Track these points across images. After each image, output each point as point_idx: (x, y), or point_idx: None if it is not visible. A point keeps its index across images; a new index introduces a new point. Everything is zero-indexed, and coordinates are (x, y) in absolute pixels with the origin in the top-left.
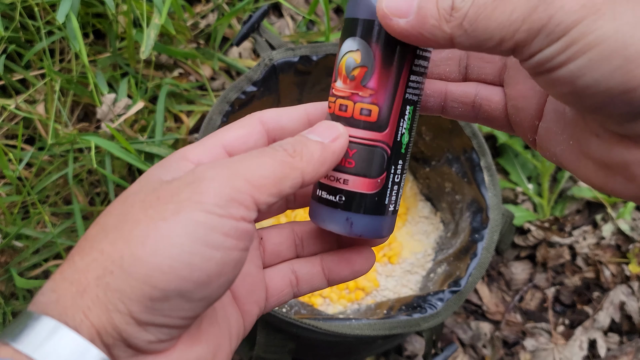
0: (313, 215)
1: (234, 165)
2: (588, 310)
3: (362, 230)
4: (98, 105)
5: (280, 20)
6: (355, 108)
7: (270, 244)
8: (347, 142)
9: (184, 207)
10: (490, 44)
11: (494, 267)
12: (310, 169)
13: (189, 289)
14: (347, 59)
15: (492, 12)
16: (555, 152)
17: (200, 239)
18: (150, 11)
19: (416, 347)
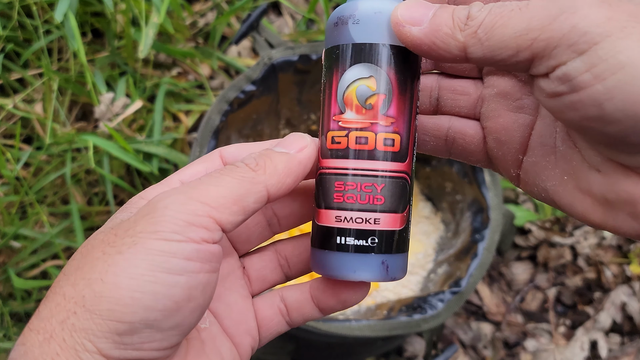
0: (331, 267)
1: (189, 190)
2: (589, 311)
3: (396, 271)
4: (96, 104)
5: (280, 19)
6: (378, 139)
7: (254, 271)
8: (314, 151)
9: (140, 239)
10: (505, 55)
11: (494, 267)
12: (274, 181)
13: (156, 318)
14: (358, 88)
15: (509, 20)
16: (545, 187)
17: (160, 266)
18: (149, 10)
19: (416, 348)
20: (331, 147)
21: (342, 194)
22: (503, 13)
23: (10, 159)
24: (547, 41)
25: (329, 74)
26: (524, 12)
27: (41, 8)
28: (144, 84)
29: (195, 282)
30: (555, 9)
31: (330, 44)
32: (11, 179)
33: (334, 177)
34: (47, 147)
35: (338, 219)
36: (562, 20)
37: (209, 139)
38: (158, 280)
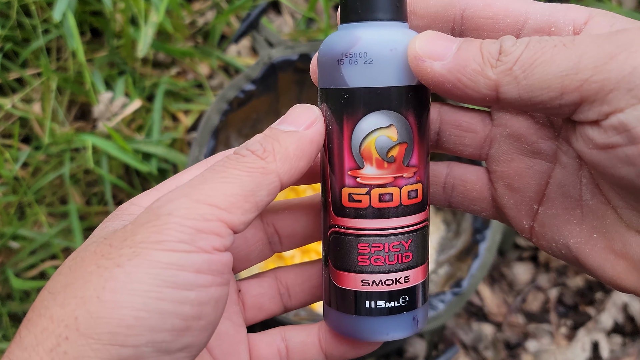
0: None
1: (192, 192)
2: (591, 312)
3: (423, 323)
4: (95, 104)
5: (279, 18)
6: (403, 194)
7: (250, 297)
8: (323, 125)
9: (142, 249)
10: (546, 97)
11: (495, 268)
12: (287, 168)
13: (164, 339)
14: (377, 139)
15: (553, 57)
16: (566, 244)
17: (168, 281)
18: (148, 9)
19: (417, 348)
20: (349, 205)
21: (368, 257)
22: (545, 49)
23: (9, 159)
24: (602, 83)
25: (336, 120)
26: (571, 49)
27: (40, 7)
28: (142, 84)
29: (207, 298)
30: (611, 46)
31: (333, 85)
32: (10, 179)
33: (355, 238)
34: (45, 147)
35: (365, 283)
36: (621, 60)
37: (208, 138)
38: (165, 297)
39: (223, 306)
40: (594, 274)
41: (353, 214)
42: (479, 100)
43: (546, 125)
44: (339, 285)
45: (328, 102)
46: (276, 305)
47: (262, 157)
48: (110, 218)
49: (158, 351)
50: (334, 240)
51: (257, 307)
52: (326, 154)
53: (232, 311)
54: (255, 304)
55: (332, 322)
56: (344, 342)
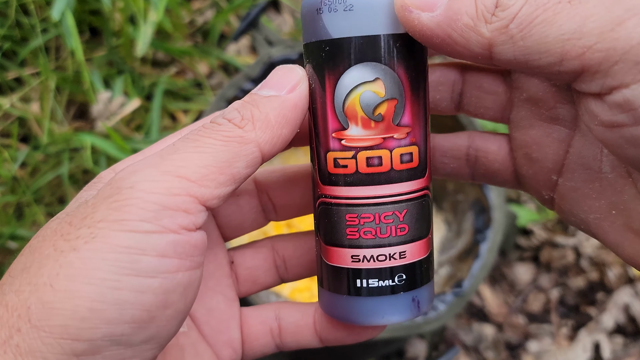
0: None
1: (160, 162)
2: (592, 312)
3: (426, 304)
4: (93, 103)
5: (279, 17)
6: (394, 157)
7: (244, 269)
8: (307, 87)
9: (100, 230)
10: (544, 61)
11: (496, 268)
12: (268, 137)
13: (124, 332)
14: (362, 95)
15: (555, 16)
16: (585, 219)
17: (127, 268)
18: (147, 8)
19: (418, 349)
20: (335, 171)
21: (357, 229)
22: (547, 5)
23: (7, 159)
24: (606, 52)
25: (318, 77)
26: (577, 8)
27: (38, 6)
28: (141, 83)
29: (173, 285)
30: (620, 9)
31: (313, 38)
32: (8, 179)
33: (343, 208)
34: (44, 146)
35: (355, 258)
36: (629, 27)
37: None
38: (124, 286)
39: (194, 292)
40: (613, 251)
41: (340, 182)
42: (471, 58)
43: (564, 88)
44: (329, 262)
45: (310, 58)
46: (272, 278)
47: (239, 126)
48: (87, 187)
49: (117, 345)
50: (322, 212)
51: (252, 280)
52: (310, 117)
53: (225, 284)
54: (249, 276)
55: (324, 304)
56: (339, 326)
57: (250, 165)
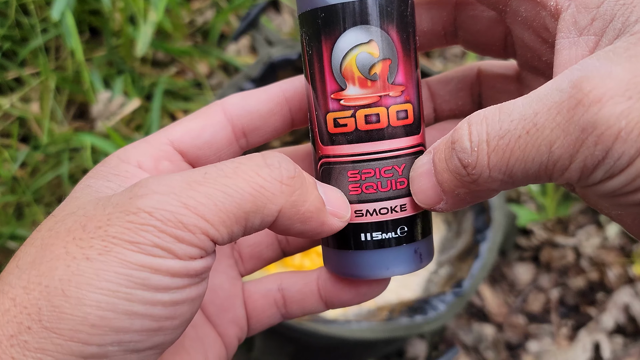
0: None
1: (185, 191)
2: (592, 312)
3: (427, 257)
4: (93, 103)
5: (279, 16)
6: (391, 113)
7: (247, 247)
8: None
9: (114, 246)
10: (541, 180)
11: (496, 268)
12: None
13: (133, 339)
14: (358, 56)
15: (523, 152)
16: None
17: (139, 283)
18: (147, 8)
19: (417, 349)
20: (335, 131)
21: (359, 185)
22: (510, 144)
23: (7, 159)
24: (582, 170)
25: (314, 43)
26: (537, 137)
27: (38, 6)
28: (141, 83)
29: (182, 298)
30: (575, 130)
31: (308, 6)
32: (8, 179)
33: (345, 165)
34: (44, 146)
35: (359, 213)
36: (591, 146)
37: None
38: (135, 299)
39: (200, 301)
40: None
41: (340, 140)
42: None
43: None
44: None
45: (306, 26)
46: (274, 252)
47: (282, 182)
48: (94, 174)
49: (125, 350)
50: (325, 172)
51: (256, 257)
52: (309, 82)
53: (226, 264)
54: (253, 253)
55: (330, 263)
56: (344, 287)
57: (263, 224)
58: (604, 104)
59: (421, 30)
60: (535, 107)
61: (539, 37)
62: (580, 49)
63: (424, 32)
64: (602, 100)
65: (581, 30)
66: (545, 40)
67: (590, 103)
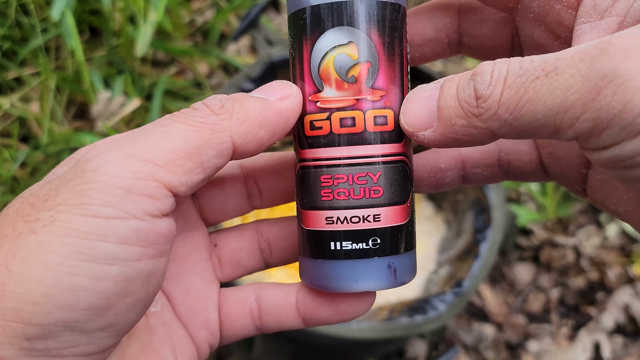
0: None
1: (127, 144)
2: (592, 312)
3: (405, 274)
4: (93, 103)
5: (279, 16)
6: (367, 118)
7: (228, 251)
8: (298, 104)
9: (60, 214)
10: (544, 133)
11: (496, 268)
12: (243, 130)
13: (79, 318)
14: (336, 58)
15: (536, 93)
16: (616, 210)
17: (85, 254)
18: (147, 8)
19: (417, 349)
20: (311, 133)
21: (331, 190)
22: (527, 84)
23: (7, 159)
24: (594, 122)
25: (297, 44)
26: (555, 81)
27: (38, 6)
28: (141, 83)
29: (134, 273)
30: (595, 76)
31: (293, 8)
32: (8, 179)
33: (318, 170)
34: (44, 146)
35: (329, 220)
36: (608, 95)
37: None
38: (81, 272)
39: (158, 280)
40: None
41: (315, 143)
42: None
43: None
44: (305, 226)
45: (291, 28)
46: (256, 261)
47: (216, 112)
48: (62, 164)
49: (71, 331)
50: (301, 176)
51: (235, 263)
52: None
53: (202, 266)
54: (233, 259)
55: (303, 273)
56: (323, 303)
57: (221, 155)
58: (630, 55)
59: (424, 39)
60: (558, 54)
61: (551, 33)
62: (603, 31)
63: (428, 40)
64: (629, 51)
65: (602, 13)
66: (558, 35)
67: (616, 52)
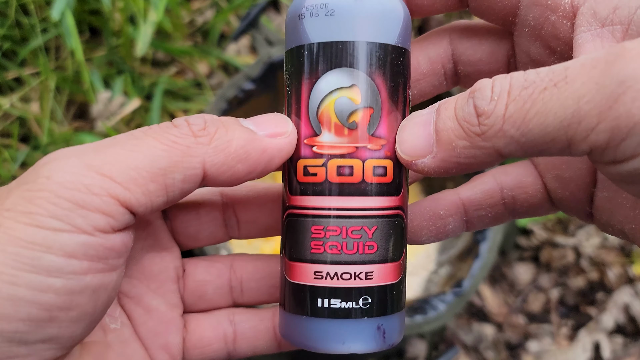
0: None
1: (88, 153)
2: (592, 312)
3: (393, 336)
4: (93, 103)
5: (279, 16)
6: (367, 168)
7: (193, 281)
8: (290, 144)
9: (5, 220)
10: (555, 148)
11: (496, 268)
12: (219, 160)
13: (17, 329)
14: (337, 101)
15: (546, 105)
16: (622, 229)
17: (27, 264)
18: (147, 8)
19: (417, 349)
20: (304, 180)
21: (322, 243)
22: (533, 95)
23: (7, 159)
24: (611, 132)
25: (294, 83)
26: (566, 90)
27: (38, 6)
28: (141, 83)
29: (79, 286)
30: (611, 83)
31: (294, 44)
32: (8, 179)
33: (309, 220)
34: (44, 146)
35: (318, 275)
36: (627, 103)
37: None
38: (22, 282)
39: (108, 295)
40: None
41: (308, 191)
42: (489, 165)
43: None
44: (291, 279)
45: (289, 64)
46: (222, 298)
47: (195, 134)
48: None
49: (9, 342)
50: (289, 224)
51: (198, 295)
52: None
53: (168, 289)
54: (197, 290)
55: (282, 327)
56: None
57: (188, 181)
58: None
59: (421, 73)
60: (567, 64)
61: (547, 47)
62: (606, 39)
63: (424, 74)
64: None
65: (603, 21)
66: (554, 50)
67: (634, 56)
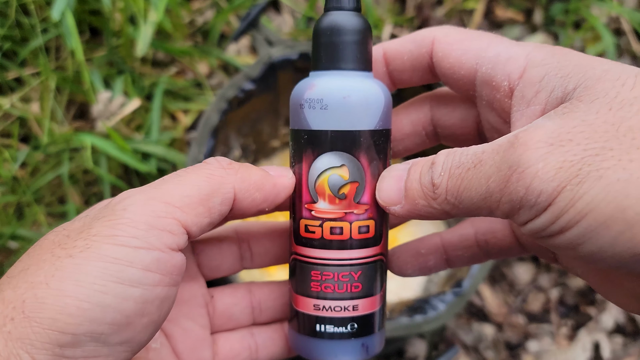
0: (312, 352)
1: (149, 190)
2: (592, 312)
3: (374, 349)
4: (94, 103)
5: (279, 17)
6: (353, 228)
7: (223, 304)
8: (290, 186)
9: (94, 242)
10: (483, 213)
11: (496, 268)
12: (244, 187)
13: (104, 331)
14: (330, 177)
15: (469, 182)
16: (577, 272)
17: (114, 276)
18: (147, 8)
19: (417, 349)
20: (305, 235)
21: (320, 284)
22: (462, 174)
23: (7, 159)
24: (510, 204)
25: (297, 156)
26: (480, 170)
27: (39, 6)
28: (141, 83)
29: (152, 296)
30: (504, 167)
31: (297, 126)
32: (8, 179)
33: (309, 266)
34: (44, 146)
35: (316, 307)
36: (514, 182)
37: (207, 138)
38: (109, 291)
39: (169, 307)
40: (605, 297)
41: (308, 244)
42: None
43: None
44: (297, 308)
45: (293, 140)
46: (246, 317)
47: (225, 167)
48: (92, 207)
49: (96, 342)
50: (294, 266)
51: (227, 316)
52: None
53: (197, 313)
54: (225, 312)
55: (291, 340)
56: None
57: (224, 203)
58: (528, 147)
59: (404, 134)
60: (485, 147)
61: (500, 117)
62: (529, 118)
63: (407, 134)
64: (528, 144)
65: (528, 102)
66: (505, 120)
67: (519, 145)
